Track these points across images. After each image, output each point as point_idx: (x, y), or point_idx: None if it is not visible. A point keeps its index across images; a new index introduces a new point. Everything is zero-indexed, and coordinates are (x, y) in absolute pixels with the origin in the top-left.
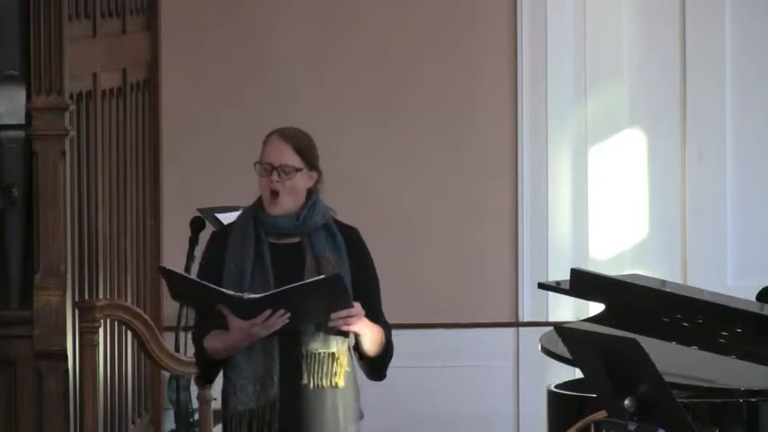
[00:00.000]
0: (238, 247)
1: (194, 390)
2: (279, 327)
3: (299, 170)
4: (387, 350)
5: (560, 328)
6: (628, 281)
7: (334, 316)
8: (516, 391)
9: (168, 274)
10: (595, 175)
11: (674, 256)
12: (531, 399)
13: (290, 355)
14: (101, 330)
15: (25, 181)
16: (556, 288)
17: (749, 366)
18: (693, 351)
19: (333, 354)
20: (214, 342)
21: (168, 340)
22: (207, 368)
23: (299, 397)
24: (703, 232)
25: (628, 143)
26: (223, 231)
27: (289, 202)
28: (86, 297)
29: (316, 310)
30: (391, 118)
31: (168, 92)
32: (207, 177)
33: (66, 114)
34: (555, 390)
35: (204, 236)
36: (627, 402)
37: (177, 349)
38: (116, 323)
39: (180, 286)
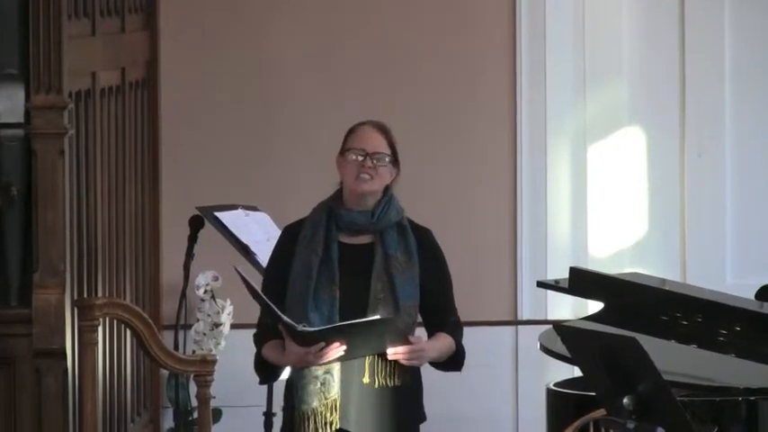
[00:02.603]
0: (307, 243)
1: (193, 388)
2: (334, 358)
3: (390, 161)
4: (457, 352)
5: (559, 327)
6: (627, 279)
7: (395, 350)
8: (515, 389)
9: (242, 279)
10: (594, 174)
11: (673, 255)
12: (530, 397)
13: None
14: (100, 329)
15: (24, 179)
16: (555, 286)
17: (748, 365)
18: (692, 349)
19: None
20: (271, 353)
21: (167, 339)
22: (264, 372)
23: (361, 396)
24: (702, 230)
25: (627, 141)
26: (296, 224)
27: (377, 185)
28: (85, 296)
29: (371, 344)
30: (390, 117)
31: (167, 90)
32: (206, 176)
33: (66, 113)
34: (554, 388)
35: (203, 234)
36: (626, 401)
37: (176, 348)
38: (115, 322)
39: (249, 290)
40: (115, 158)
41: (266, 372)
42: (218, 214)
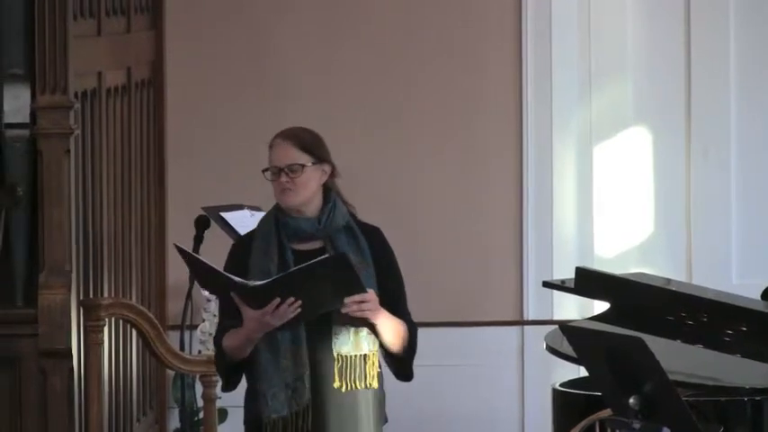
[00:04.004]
0: (262, 253)
1: (199, 388)
2: (291, 315)
3: (306, 166)
4: (411, 346)
5: (565, 327)
6: (633, 279)
7: (347, 301)
8: (521, 389)
9: (182, 253)
10: (600, 173)
11: (679, 255)
12: (535, 397)
13: (321, 359)
14: (105, 329)
15: (30, 179)
16: (561, 287)
17: (754, 365)
18: (698, 349)
19: (365, 355)
20: (231, 339)
21: (173, 339)
22: (227, 372)
23: (332, 400)
24: (708, 230)
25: (632, 141)
26: (246, 238)
27: (302, 194)
28: (91, 296)
29: (326, 295)
30: (395, 116)
31: (173, 90)
32: (212, 176)
33: (71, 113)
34: (560, 388)
35: (209, 234)
36: (632, 401)
37: (182, 348)
38: (121, 322)
39: (194, 267)
40: (121, 158)
41: (229, 371)
42: (223, 214)
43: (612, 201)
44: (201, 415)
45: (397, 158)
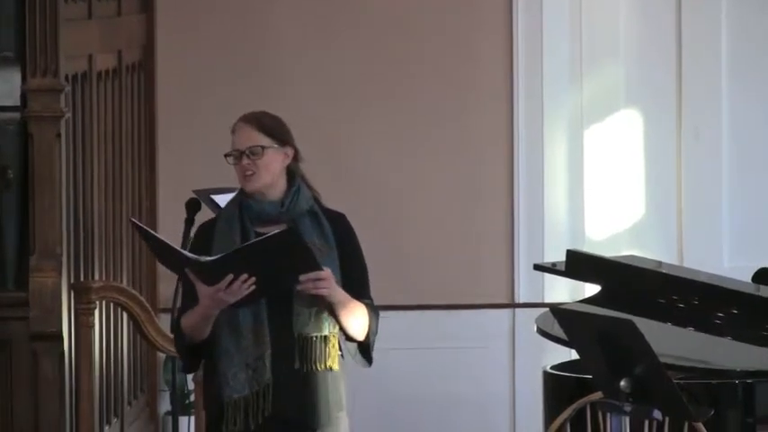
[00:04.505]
0: (224, 237)
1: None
2: (246, 292)
3: (268, 148)
4: (372, 330)
5: (556, 310)
6: (624, 262)
7: (302, 278)
8: (512, 372)
9: (138, 229)
10: (591, 156)
11: (671, 237)
12: (526, 380)
13: (282, 340)
14: (96, 312)
15: (21, 163)
16: (552, 269)
17: (745, 347)
18: (689, 332)
19: (325, 337)
20: (190, 317)
21: (164, 322)
22: (187, 353)
23: (292, 381)
24: (699, 213)
25: (624, 123)
26: (210, 222)
27: (264, 178)
28: (82, 279)
29: (280, 271)
30: (387, 101)
31: (163, 74)
32: (202, 159)
33: (62, 96)
34: (551, 371)
35: (200, 217)
36: (622, 383)
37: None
38: (112, 305)
39: (149, 243)
40: (112, 141)
41: (188, 352)
42: (214, 197)
43: (603, 183)
44: (192, 398)
45: (389, 142)
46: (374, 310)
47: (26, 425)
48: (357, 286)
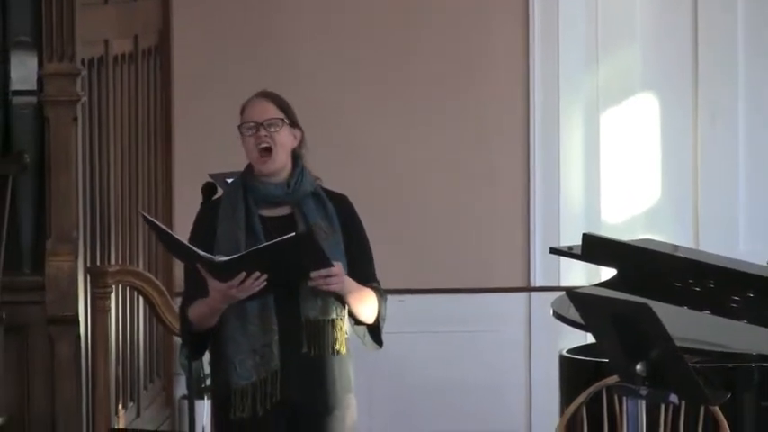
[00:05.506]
0: (229, 219)
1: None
2: (257, 289)
3: (285, 122)
4: (380, 314)
5: (572, 293)
6: (640, 245)
7: (313, 275)
8: (528, 356)
9: (149, 223)
10: (607, 140)
11: (686, 221)
12: (542, 364)
13: (289, 325)
14: (112, 296)
15: (37, 147)
16: (568, 253)
17: (761, 331)
18: (705, 316)
19: (332, 320)
20: (198, 308)
21: None
22: (192, 341)
23: (300, 366)
24: (715, 196)
25: (640, 107)
26: (212, 203)
27: (281, 157)
28: (98, 263)
29: (292, 269)
30: (402, 83)
31: (180, 58)
32: (218, 143)
33: (78, 80)
34: (567, 355)
35: None
36: (639, 367)
37: None
38: (128, 289)
39: (160, 237)
40: (128, 126)
41: (194, 339)
42: (230, 181)
43: (619, 167)
44: (208, 382)
45: (404, 126)
46: (382, 293)
47: (42, 409)
48: (363, 269)
